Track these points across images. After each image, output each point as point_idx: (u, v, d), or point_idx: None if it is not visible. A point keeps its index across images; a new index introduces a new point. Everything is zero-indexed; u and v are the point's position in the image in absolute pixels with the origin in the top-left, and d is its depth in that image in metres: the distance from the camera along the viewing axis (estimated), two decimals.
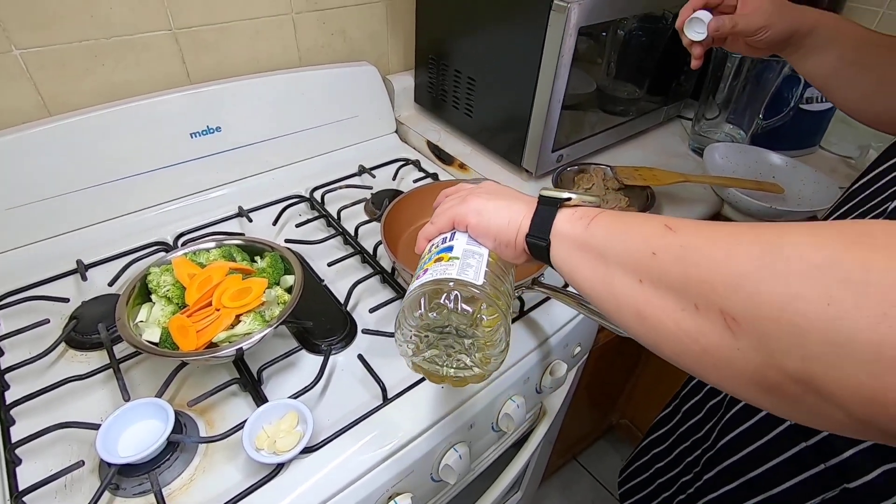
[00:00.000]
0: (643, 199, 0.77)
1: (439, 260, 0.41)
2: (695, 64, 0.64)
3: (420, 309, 0.40)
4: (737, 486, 0.54)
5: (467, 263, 0.41)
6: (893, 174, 0.44)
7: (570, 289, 0.70)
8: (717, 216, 0.88)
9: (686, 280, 0.28)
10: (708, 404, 0.63)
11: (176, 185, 0.78)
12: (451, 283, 0.39)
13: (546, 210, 0.39)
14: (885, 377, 0.21)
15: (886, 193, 0.43)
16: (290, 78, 0.85)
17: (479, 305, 0.39)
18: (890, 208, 0.41)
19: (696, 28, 0.60)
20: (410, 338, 0.42)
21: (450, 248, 0.42)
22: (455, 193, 0.47)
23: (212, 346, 0.51)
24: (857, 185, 0.50)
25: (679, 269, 0.29)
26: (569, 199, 0.38)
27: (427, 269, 0.41)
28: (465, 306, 0.39)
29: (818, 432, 0.45)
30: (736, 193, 0.79)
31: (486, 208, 0.42)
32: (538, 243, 0.39)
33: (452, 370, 0.43)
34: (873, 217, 0.43)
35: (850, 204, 0.48)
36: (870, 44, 0.57)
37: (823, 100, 0.96)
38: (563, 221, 0.38)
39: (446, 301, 0.39)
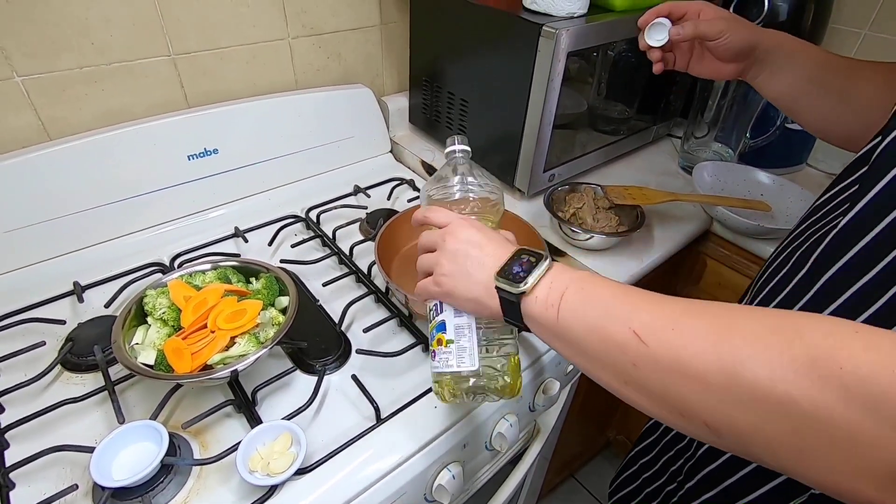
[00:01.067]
0: (633, 217, 0.78)
1: (439, 342, 0.48)
2: (657, 68, 0.68)
3: (452, 398, 0.48)
4: (715, 494, 0.55)
5: (461, 346, 0.47)
6: (847, 192, 0.46)
7: None
8: (706, 233, 0.90)
9: (666, 393, 0.33)
10: None
11: (173, 207, 0.79)
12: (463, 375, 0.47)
13: (508, 303, 0.42)
14: None
15: (839, 211, 0.45)
16: (287, 100, 0.86)
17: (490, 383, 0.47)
18: (840, 224, 0.42)
19: (656, 34, 0.63)
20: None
21: (442, 326, 0.48)
22: (428, 246, 0.50)
23: (207, 368, 0.51)
24: (820, 201, 0.51)
25: (659, 383, 0.33)
26: (522, 292, 0.40)
27: (434, 352, 0.49)
28: (482, 396, 0.48)
29: None
30: (725, 212, 0.81)
31: (456, 290, 0.46)
32: (517, 325, 0.43)
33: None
34: (824, 233, 0.45)
35: (812, 219, 0.50)
36: (829, 65, 0.59)
37: None
38: (531, 308, 0.41)
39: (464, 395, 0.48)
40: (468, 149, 0.56)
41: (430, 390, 0.59)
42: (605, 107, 0.96)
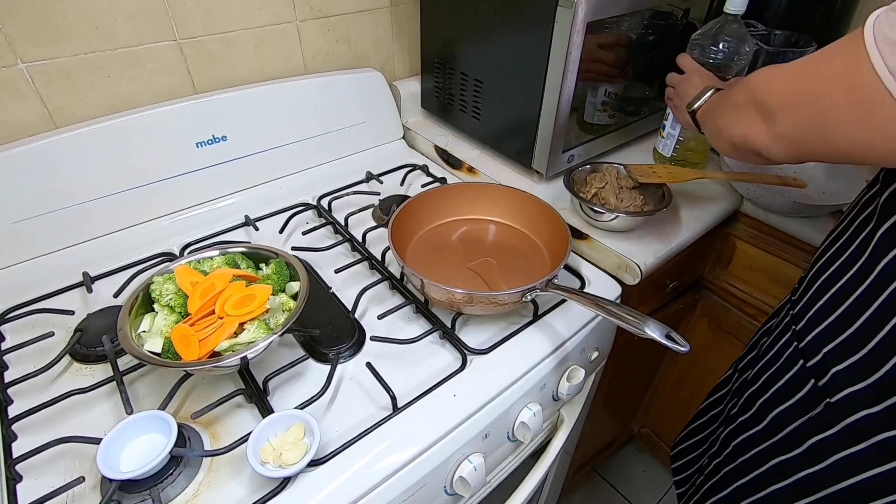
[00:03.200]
0: (658, 197, 0.74)
1: None
2: None
3: None
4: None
5: None
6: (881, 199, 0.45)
7: (586, 290, 0.68)
8: (735, 214, 0.85)
9: None
10: (745, 394, 0.62)
11: (182, 196, 0.77)
12: None
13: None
14: None
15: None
16: (295, 86, 0.84)
17: None
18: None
19: None
20: None
21: None
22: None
23: (215, 355, 0.49)
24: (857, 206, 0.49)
25: None
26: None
27: None
28: None
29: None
30: (757, 190, 0.76)
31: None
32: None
33: None
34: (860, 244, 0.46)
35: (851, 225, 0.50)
36: None
37: None
38: None
39: None
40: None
41: (449, 377, 0.56)
42: (621, 89, 0.92)
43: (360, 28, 0.92)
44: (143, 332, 0.51)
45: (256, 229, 0.77)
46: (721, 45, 0.80)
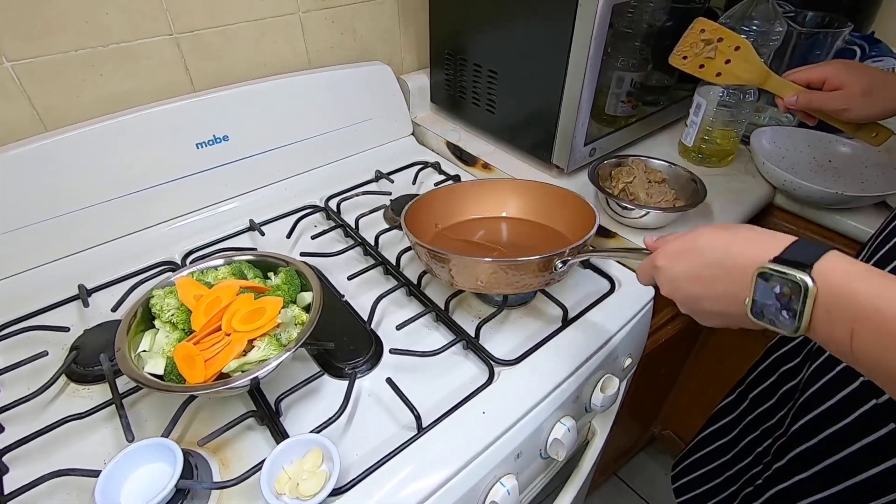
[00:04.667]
0: (690, 191, 0.70)
1: None
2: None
3: None
4: (811, 475, 0.48)
5: None
6: None
7: (615, 293, 0.63)
8: (768, 207, 0.80)
9: None
10: (781, 389, 0.58)
11: (182, 200, 0.73)
12: None
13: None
14: None
15: None
16: (300, 81, 0.79)
17: None
18: None
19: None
20: None
21: None
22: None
23: (223, 376, 0.45)
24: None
25: None
26: (798, 335, 0.30)
27: None
28: None
29: None
30: (794, 180, 0.71)
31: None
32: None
33: None
34: None
35: None
36: None
37: None
38: (816, 335, 0.30)
39: None
40: None
41: (477, 392, 0.52)
42: (643, 77, 0.87)
43: (366, 19, 0.87)
44: (144, 351, 0.47)
45: (262, 234, 0.72)
46: (752, 27, 0.75)
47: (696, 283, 0.36)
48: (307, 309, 0.52)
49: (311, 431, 0.47)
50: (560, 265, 0.54)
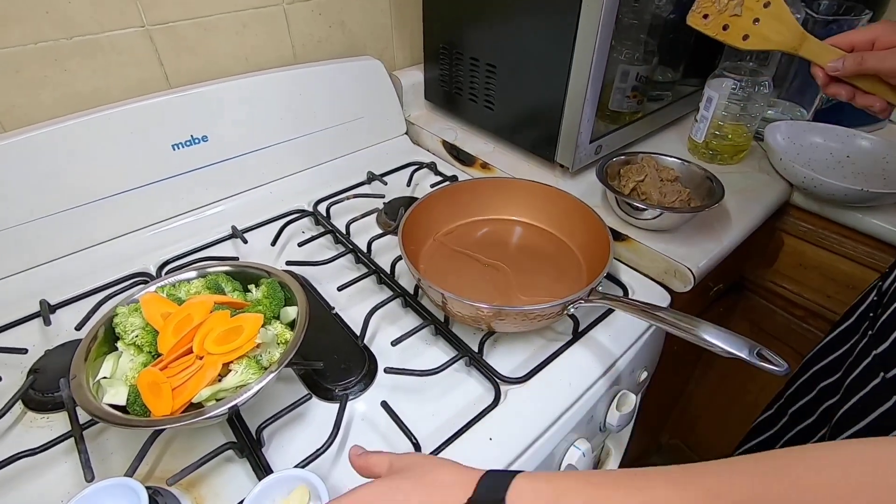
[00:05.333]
0: (705, 190, 0.65)
1: None
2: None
3: None
4: None
5: None
6: None
7: (632, 297, 0.58)
8: (785, 206, 0.76)
9: None
10: (822, 406, 0.55)
11: (157, 206, 0.67)
12: None
13: None
14: None
15: None
16: (285, 77, 0.74)
17: None
18: None
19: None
20: None
21: None
22: None
23: (195, 405, 0.39)
24: None
25: None
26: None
27: None
28: None
29: None
30: (815, 177, 0.67)
31: None
32: None
33: None
34: None
35: None
36: None
37: None
38: None
39: None
40: None
41: (482, 415, 0.47)
42: (649, 71, 0.82)
43: (356, 11, 0.82)
44: (105, 378, 0.41)
45: (245, 242, 0.67)
46: None
47: None
48: (292, 325, 0.46)
49: (297, 465, 0.41)
50: (572, 309, 0.49)
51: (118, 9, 0.61)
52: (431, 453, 0.44)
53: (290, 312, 0.47)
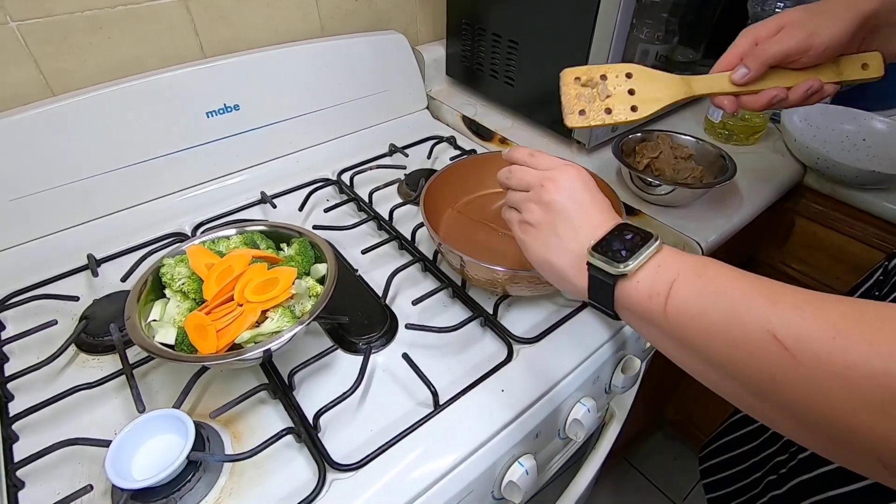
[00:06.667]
0: (718, 168, 0.67)
1: None
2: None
3: None
4: (836, 468, 0.47)
5: None
6: None
7: None
8: (797, 188, 0.77)
9: (821, 417, 0.25)
10: None
11: (192, 171, 0.71)
12: None
13: (600, 283, 0.35)
14: None
15: None
16: (312, 49, 0.77)
17: None
18: None
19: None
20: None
21: None
22: (523, 185, 0.43)
23: (235, 347, 0.43)
24: None
25: (810, 405, 0.25)
26: (622, 273, 0.33)
27: None
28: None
29: None
30: (828, 157, 0.68)
31: (539, 248, 0.40)
32: (606, 312, 0.36)
33: None
34: None
35: None
36: None
37: None
38: (630, 295, 0.33)
39: None
40: None
41: (495, 370, 0.50)
42: (669, 50, 0.83)
43: None
44: (154, 320, 0.45)
45: (274, 207, 0.70)
46: (777, 6, 0.71)
47: (575, 204, 0.38)
48: (321, 281, 0.50)
49: (321, 408, 0.45)
50: None
51: None
52: (447, 402, 0.47)
53: (321, 269, 0.51)
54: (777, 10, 0.71)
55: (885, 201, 0.70)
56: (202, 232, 0.65)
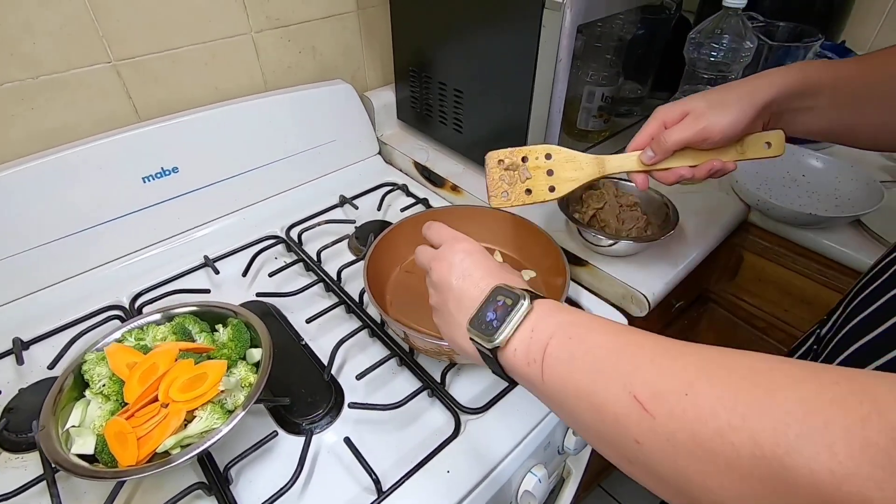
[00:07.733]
0: (662, 215, 0.67)
1: None
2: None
3: None
4: None
5: None
6: None
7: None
8: (743, 224, 0.79)
9: (683, 480, 0.24)
10: None
11: (130, 238, 0.68)
12: None
13: (486, 357, 0.34)
14: None
15: None
16: (255, 105, 0.75)
17: None
18: None
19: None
20: None
21: None
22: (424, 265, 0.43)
23: (161, 453, 0.41)
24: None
25: (672, 467, 0.24)
26: (496, 346, 0.32)
27: None
28: None
29: None
30: (767, 200, 0.70)
31: (441, 327, 0.40)
32: (506, 380, 0.36)
33: None
34: None
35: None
36: (859, 77, 0.46)
37: None
38: (512, 364, 0.33)
39: None
40: None
41: (441, 447, 0.49)
42: (615, 91, 0.85)
43: (325, 36, 0.83)
44: (74, 426, 0.43)
45: (217, 272, 0.68)
46: (721, 43, 0.73)
47: (460, 279, 0.38)
48: (258, 366, 0.48)
49: (262, 502, 0.43)
50: None
51: (83, 46, 0.62)
52: (390, 488, 0.46)
53: (255, 354, 0.49)
54: (712, 57, 0.73)
55: (825, 239, 0.71)
56: (141, 304, 0.63)
